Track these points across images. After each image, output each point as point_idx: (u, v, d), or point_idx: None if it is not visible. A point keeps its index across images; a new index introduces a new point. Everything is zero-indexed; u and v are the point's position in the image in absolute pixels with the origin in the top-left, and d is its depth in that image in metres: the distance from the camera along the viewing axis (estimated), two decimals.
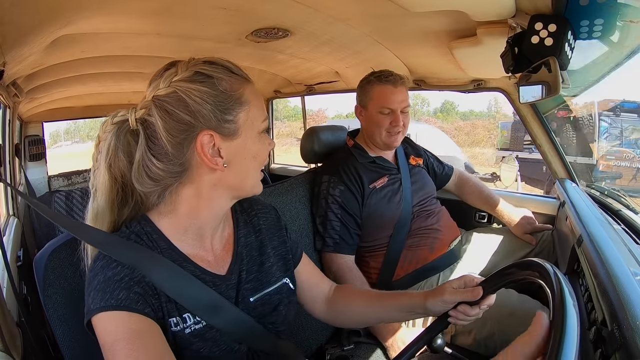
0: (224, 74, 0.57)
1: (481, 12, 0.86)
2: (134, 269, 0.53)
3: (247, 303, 0.64)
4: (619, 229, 0.99)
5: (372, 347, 1.11)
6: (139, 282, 0.52)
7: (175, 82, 0.55)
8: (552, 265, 0.56)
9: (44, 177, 2.35)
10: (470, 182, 1.48)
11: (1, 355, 0.58)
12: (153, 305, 0.53)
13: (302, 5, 0.94)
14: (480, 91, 1.48)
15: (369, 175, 1.23)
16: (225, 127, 0.57)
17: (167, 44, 1.26)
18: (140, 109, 0.56)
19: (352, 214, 1.18)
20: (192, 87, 0.55)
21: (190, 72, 0.56)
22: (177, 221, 0.60)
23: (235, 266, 0.65)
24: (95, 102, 2.38)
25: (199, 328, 0.56)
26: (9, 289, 0.87)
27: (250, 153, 0.60)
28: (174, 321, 0.55)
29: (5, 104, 1.37)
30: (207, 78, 0.56)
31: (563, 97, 1.39)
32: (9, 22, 0.73)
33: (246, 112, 0.58)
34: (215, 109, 0.55)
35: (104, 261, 0.53)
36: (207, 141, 0.55)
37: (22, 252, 1.27)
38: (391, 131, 1.22)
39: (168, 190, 0.58)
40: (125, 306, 0.50)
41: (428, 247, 1.22)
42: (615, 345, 0.49)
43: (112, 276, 0.52)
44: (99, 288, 0.51)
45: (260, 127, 0.61)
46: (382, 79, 1.21)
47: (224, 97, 0.56)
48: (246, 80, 0.60)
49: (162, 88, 0.55)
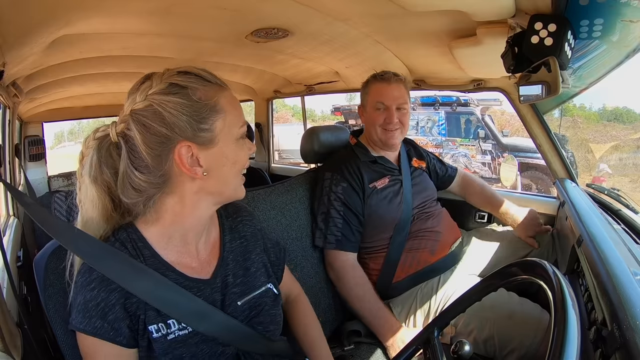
0: (197, 83, 0.58)
1: (481, 12, 0.86)
2: (110, 291, 0.55)
3: (235, 307, 0.65)
4: (619, 229, 0.99)
5: (372, 347, 1.11)
6: (113, 306, 0.55)
7: (150, 95, 0.56)
8: (552, 266, 0.56)
9: (43, 177, 2.35)
10: (474, 183, 1.47)
11: (1, 355, 0.58)
12: (130, 319, 0.56)
13: (302, 5, 0.94)
14: (480, 91, 1.48)
15: (369, 175, 1.23)
16: (202, 137, 0.57)
17: (167, 44, 1.26)
18: (119, 123, 0.57)
19: (354, 211, 1.18)
20: (166, 99, 0.56)
21: (164, 84, 0.57)
22: (162, 229, 0.61)
23: (221, 270, 0.66)
24: (95, 102, 2.38)
25: (183, 334, 0.58)
26: (9, 289, 0.87)
27: (229, 160, 0.61)
28: (154, 328, 0.57)
29: (5, 104, 1.36)
30: (181, 89, 0.57)
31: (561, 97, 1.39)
32: (9, 22, 0.73)
33: (222, 119, 0.59)
34: (190, 119, 0.56)
35: (84, 278, 0.56)
36: (185, 152, 0.56)
37: (22, 252, 1.27)
38: (386, 127, 1.22)
39: (152, 200, 0.59)
40: (99, 334, 0.55)
41: (429, 250, 1.21)
42: (615, 345, 0.49)
43: (90, 300, 0.55)
44: (79, 309, 0.55)
45: (237, 133, 0.61)
46: (377, 77, 1.24)
47: (199, 106, 0.57)
48: (221, 88, 0.61)
49: (138, 102, 0.56)
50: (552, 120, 1.76)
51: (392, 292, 1.18)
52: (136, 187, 0.58)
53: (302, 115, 2.72)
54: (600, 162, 6.26)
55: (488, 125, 6.02)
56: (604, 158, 6.77)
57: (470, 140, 6.15)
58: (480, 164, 6.05)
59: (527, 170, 5.37)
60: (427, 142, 6.43)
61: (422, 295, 1.15)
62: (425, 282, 1.18)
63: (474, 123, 6.14)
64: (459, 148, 6.27)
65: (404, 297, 1.17)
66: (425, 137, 6.45)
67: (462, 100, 6.16)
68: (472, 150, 6.15)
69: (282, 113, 14.58)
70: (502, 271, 0.67)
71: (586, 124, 10.41)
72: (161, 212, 0.60)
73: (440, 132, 6.45)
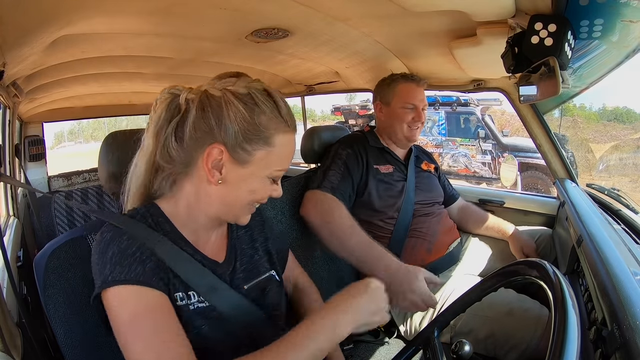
0: (269, 109, 0.59)
1: (481, 12, 0.86)
2: (143, 243, 0.55)
3: (241, 290, 0.66)
4: (619, 229, 0.99)
5: (372, 346, 1.11)
6: (149, 256, 0.54)
7: (227, 90, 0.58)
8: (552, 266, 0.56)
9: (44, 177, 2.35)
10: (471, 210, 1.46)
11: (1, 355, 0.58)
12: (163, 279, 0.55)
13: (302, 5, 0.94)
14: (480, 91, 1.48)
15: (375, 158, 1.27)
16: (239, 153, 0.58)
17: (167, 44, 1.26)
18: (192, 93, 0.59)
19: (351, 176, 1.20)
20: (235, 102, 0.57)
21: (244, 90, 0.58)
22: (178, 211, 0.63)
23: (231, 255, 0.68)
24: (95, 102, 2.38)
25: (202, 307, 0.58)
26: (9, 289, 0.87)
27: (249, 187, 0.61)
28: (179, 296, 0.57)
29: (5, 104, 1.36)
30: (253, 104, 0.58)
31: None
32: (9, 22, 0.73)
33: (267, 152, 0.59)
34: (240, 132, 0.57)
35: (112, 232, 0.55)
36: (216, 153, 0.58)
37: (22, 252, 1.27)
38: (412, 126, 1.29)
39: (175, 179, 0.61)
40: (143, 281, 0.52)
41: (425, 249, 1.22)
42: (615, 345, 0.49)
43: (125, 248, 0.53)
44: (114, 261, 0.52)
45: (272, 172, 0.61)
46: (407, 77, 1.30)
47: (254, 128, 0.58)
48: (286, 127, 0.61)
49: (215, 88, 0.58)
50: (552, 120, 1.76)
51: None
52: (169, 154, 0.59)
53: (302, 115, 2.72)
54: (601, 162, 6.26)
55: (488, 125, 6.03)
56: (604, 158, 6.77)
57: (470, 140, 6.16)
58: (480, 163, 6.06)
59: (527, 170, 5.37)
60: (427, 142, 6.44)
61: None
62: None
63: (474, 123, 6.15)
64: (459, 148, 6.27)
65: None
66: (425, 137, 6.46)
67: (462, 100, 6.16)
68: (472, 150, 6.15)
69: None
70: (502, 271, 0.67)
71: (586, 124, 10.41)
72: (179, 196, 0.62)
73: (440, 132, 6.45)
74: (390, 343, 1.14)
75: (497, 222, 1.36)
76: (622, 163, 6.45)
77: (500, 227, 1.34)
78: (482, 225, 1.39)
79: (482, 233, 1.40)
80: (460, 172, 6.19)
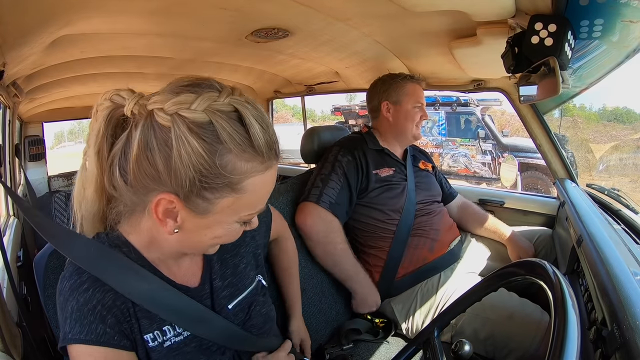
0: (237, 144, 0.44)
1: (481, 12, 0.86)
2: (104, 292, 0.49)
3: (226, 312, 0.61)
4: (619, 229, 0.99)
5: (372, 345, 1.11)
6: (110, 309, 0.49)
7: (179, 117, 0.42)
8: (552, 266, 0.56)
9: (43, 177, 2.35)
10: (472, 210, 1.45)
11: (1, 355, 0.58)
12: (126, 331, 0.51)
13: (302, 6, 0.94)
14: (480, 91, 1.48)
15: (374, 162, 1.26)
16: (196, 203, 0.47)
17: (167, 44, 1.26)
18: (138, 105, 0.45)
19: (350, 187, 1.20)
20: (189, 139, 0.42)
21: (203, 117, 0.43)
22: (142, 240, 0.55)
23: (207, 275, 0.61)
24: (95, 102, 2.38)
25: (179, 340, 0.55)
26: (9, 289, 0.87)
27: (213, 234, 0.51)
28: (150, 337, 0.53)
29: (5, 104, 1.37)
30: (215, 140, 0.43)
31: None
32: (9, 22, 0.73)
33: (234, 199, 0.47)
34: (196, 179, 0.44)
35: (72, 280, 0.50)
36: (165, 203, 0.47)
37: (22, 252, 1.27)
38: (419, 124, 1.33)
39: (132, 212, 0.52)
40: (103, 342, 0.48)
41: (427, 248, 1.22)
42: (615, 345, 0.49)
43: (84, 303, 0.49)
44: (74, 317, 0.48)
45: (244, 217, 0.51)
46: (413, 78, 1.33)
47: (215, 173, 0.44)
48: (262, 164, 0.47)
49: (164, 112, 0.43)
50: (552, 120, 1.76)
51: (393, 290, 1.19)
52: (116, 189, 0.49)
53: (302, 115, 2.71)
54: (601, 162, 6.26)
55: (488, 125, 6.03)
56: (604, 158, 6.77)
57: (470, 140, 6.16)
58: (480, 164, 6.06)
59: (527, 170, 5.37)
60: (427, 142, 6.44)
61: (422, 294, 1.15)
62: (425, 280, 1.18)
63: (474, 123, 6.15)
64: (459, 148, 6.27)
65: (405, 295, 1.18)
66: (425, 137, 6.45)
67: (462, 100, 6.16)
68: (472, 150, 6.15)
69: (282, 113, 14.62)
70: (502, 271, 0.67)
71: (586, 124, 10.40)
72: (139, 229, 0.53)
73: (440, 132, 6.45)
74: (390, 342, 1.14)
75: (495, 225, 1.35)
76: (622, 163, 6.45)
77: (499, 230, 1.34)
78: (481, 227, 1.39)
79: (481, 234, 1.40)
80: (460, 172, 6.19)
